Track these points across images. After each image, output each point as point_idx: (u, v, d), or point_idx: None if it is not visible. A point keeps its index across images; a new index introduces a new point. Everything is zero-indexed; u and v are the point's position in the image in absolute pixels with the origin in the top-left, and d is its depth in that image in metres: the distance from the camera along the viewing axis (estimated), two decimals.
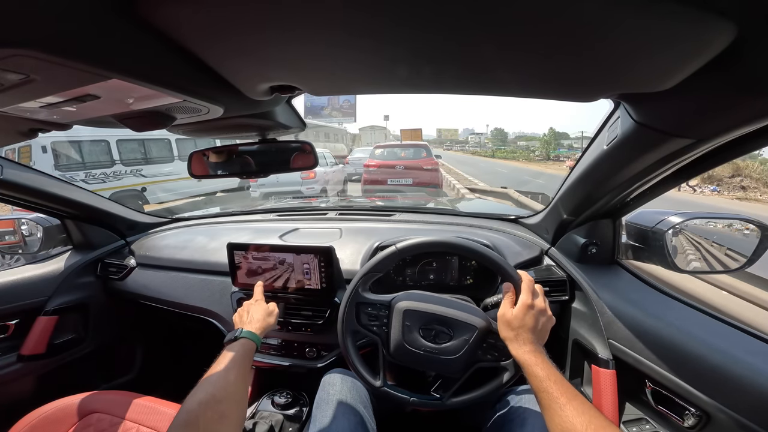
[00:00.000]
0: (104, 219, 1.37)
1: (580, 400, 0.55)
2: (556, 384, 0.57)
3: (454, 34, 0.38)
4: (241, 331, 0.76)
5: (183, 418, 0.52)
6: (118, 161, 6.60)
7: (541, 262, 1.10)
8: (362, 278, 0.81)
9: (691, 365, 0.68)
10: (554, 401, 0.55)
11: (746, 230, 0.81)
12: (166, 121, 0.61)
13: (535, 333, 0.67)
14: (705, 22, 0.33)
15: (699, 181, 16.09)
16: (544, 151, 55.54)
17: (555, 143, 58.60)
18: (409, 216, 1.42)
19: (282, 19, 0.36)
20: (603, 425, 0.50)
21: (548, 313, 0.70)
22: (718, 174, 16.61)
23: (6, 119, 0.56)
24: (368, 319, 0.80)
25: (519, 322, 0.67)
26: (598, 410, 0.54)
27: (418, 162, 7.75)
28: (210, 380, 0.60)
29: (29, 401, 0.95)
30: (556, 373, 0.60)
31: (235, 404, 0.59)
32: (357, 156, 11.82)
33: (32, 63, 0.34)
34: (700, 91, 0.46)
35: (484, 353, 0.76)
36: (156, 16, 0.36)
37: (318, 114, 25.38)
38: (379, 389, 0.78)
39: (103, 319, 1.37)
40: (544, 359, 0.63)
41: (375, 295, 0.83)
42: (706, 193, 14.87)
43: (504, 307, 0.71)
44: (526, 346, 0.65)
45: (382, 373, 0.79)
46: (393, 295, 0.82)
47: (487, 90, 0.56)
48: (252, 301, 0.90)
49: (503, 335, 0.69)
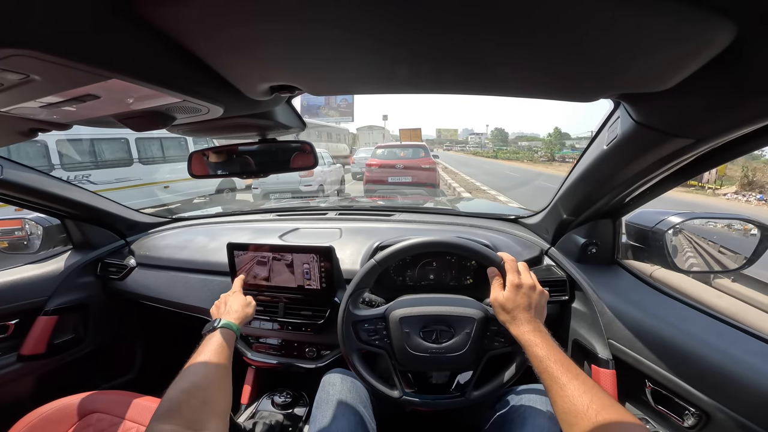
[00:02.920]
0: (104, 219, 1.37)
1: (582, 379, 0.53)
2: (557, 363, 0.56)
3: (454, 34, 0.38)
4: (219, 321, 0.76)
5: (165, 407, 0.52)
6: (59, 165, 5.36)
7: (541, 262, 1.10)
8: (349, 298, 0.81)
9: (691, 365, 0.68)
10: (555, 381, 0.54)
11: (746, 230, 0.82)
12: (166, 121, 0.61)
13: (531, 311, 0.66)
14: (705, 21, 0.33)
15: (738, 187, 14.87)
16: (549, 152, 54.66)
17: (560, 143, 57.82)
18: (409, 216, 1.42)
19: (282, 19, 0.36)
20: (606, 404, 0.48)
21: (539, 288, 0.70)
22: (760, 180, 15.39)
23: (6, 119, 0.56)
24: (368, 335, 0.80)
25: (512, 303, 0.66)
26: (601, 388, 0.52)
27: (416, 161, 8.03)
28: (191, 369, 0.60)
29: (29, 401, 0.95)
30: (557, 352, 0.59)
31: (218, 391, 0.58)
32: (361, 156, 12.50)
33: (32, 63, 0.34)
34: (700, 91, 0.46)
35: (490, 342, 0.76)
36: (155, 16, 0.36)
37: (315, 113, 25.22)
38: (400, 399, 0.78)
39: (103, 319, 1.37)
40: (545, 338, 0.62)
41: (367, 310, 0.83)
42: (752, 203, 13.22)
43: (494, 291, 0.70)
44: (525, 326, 0.64)
45: (398, 383, 0.79)
46: (385, 306, 0.82)
47: (487, 90, 0.56)
48: (230, 293, 0.91)
49: (501, 319, 0.68)
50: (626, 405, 0.85)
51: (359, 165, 11.22)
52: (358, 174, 11.05)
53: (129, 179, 6.32)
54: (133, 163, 6.46)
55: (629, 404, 0.85)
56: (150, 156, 6.78)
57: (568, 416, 0.50)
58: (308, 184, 7.51)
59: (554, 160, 47.01)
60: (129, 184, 6.30)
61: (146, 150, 6.70)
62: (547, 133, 62.92)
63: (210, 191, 8.03)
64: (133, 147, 6.47)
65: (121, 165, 6.28)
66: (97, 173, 5.88)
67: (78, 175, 5.62)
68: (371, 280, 0.83)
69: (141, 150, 6.59)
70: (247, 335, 1.15)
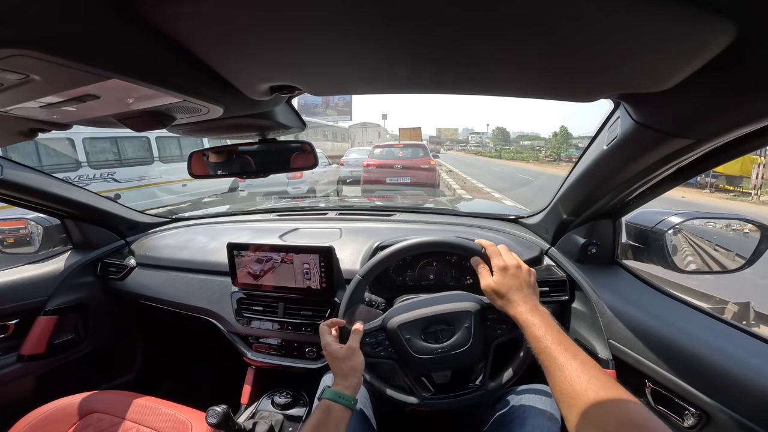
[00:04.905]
0: (104, 219, 1.37)
1: (580, 359, 0.52)
2: (555, 343, 0.55)
3: (454, 34, 0.38)
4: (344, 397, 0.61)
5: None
6: (85, 163, 5.52)
7: (541, 262, 1.10)
8: (345, 316, 0.81)
9: (691, 365, 0.68)
10: (553, 362, 0.53)
11: (746, 231, 0.82)
12: (166, 121, 0.61)
13: (524, 290, 0.65)
14: (705, 21, 0.33)
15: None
16: (555, 151, 53.51)
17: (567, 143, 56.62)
18: (408, 216, 1.42)
19: (282, 19, 0.36)
20: (605, 384, 0.47)
21: (524, 267, 0.69)
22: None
23: (6, 119, 0.56)
24: (372, 349, 0.79)
25: (504, 287, 0.66)
26: (599, 368, 0.51)
27: (415, 161, 7.83)
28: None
29: (29, 401, 0.95)
30: (556, 332, 0.57)
31: None
32: (353, 157, 10.13)
33: (32, 63, 0.34)
34: (700, 91, 0.46)
35: (493, 330, 0.77)
36: (155, 16, 0.36)
37: (312, 112, 24.96)
38: (420, 404, 0.78)
39: (103, 319, 1.37)
40: (543, 317, 0.60)
41: (365, 325, 0.82)
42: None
43: (483, 279, 0.70)
44: (521, 306, 0.63)
45: (415, 389, 0.79)
46: (381, 318, 0.82)
47: (487, 90, 0.56)
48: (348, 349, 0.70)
49: (498, 305, 0.68)
50: None
51: (350, 167, 9.49)
52: (349, 179, 9.31)
53: (150, 177, 6.42)
54: (153, 161, 6.56)
55: None
56: (169, 155, 6.82)
57: (566, 397, 0.49)
58: (296, 186, 7.08)
59: (560, 159, 46.09)
60: (151, 181, 6.41)
61: (166, 148, 6.76)
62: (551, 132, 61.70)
63: (224, 189, 8.05)
64: (154, 146, 6.58)
65: (143, 163, 6.40)
66: (121, 171, 6.02)
67: (103, 172, 5.78)
68: (361, 294, 0.84)
69: (161, 148, 6.68)
70: (247, 335, 1.15)
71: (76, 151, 5.40)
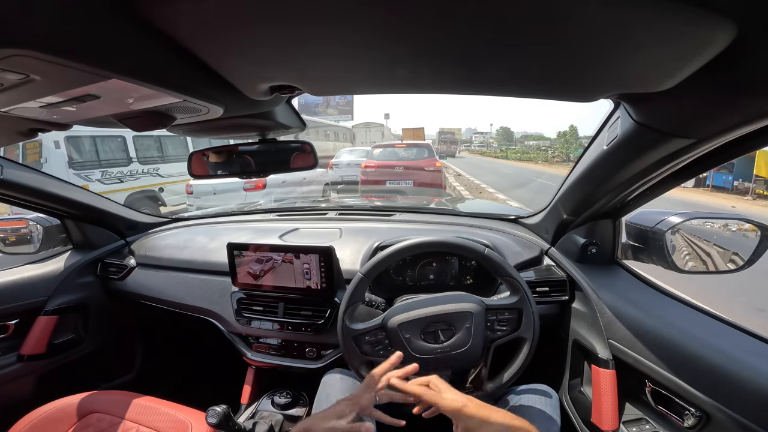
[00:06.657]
0: (104, 219, 1.37)
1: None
2: None
3: (454, 34, 0.38)
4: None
5: None
6: (135, 159, 6.10)
7: (541, 262, 1.10)
8: (345, 314, 0.81)
9: (691, 365, 0.68)
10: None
11: (746, 231, 0.81)
12: (166, 121, 0.61)
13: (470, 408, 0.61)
14: (705, 21, 0.33)
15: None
16: (564, 152, 52.29)
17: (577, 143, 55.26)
18: (409, 216, 1.42)
19: (282, 20, 0.36)
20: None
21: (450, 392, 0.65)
22: None
23: (6, 119, 0.56)
24: (371, 348, 0.80)
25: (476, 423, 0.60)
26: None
27: (419, 163, 7.12)
28: None
29: (29, 401, 0.95)
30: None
31: None
32: (344, 159, 8.74)
33: (32, 63, 0.34)
34: (700, 91, 0.46)
35: (493, 331, 0.77)
36: (155, 16, 0.36)
37: (313, 111, 24.81)
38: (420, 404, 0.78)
39: (103, 319, 1.37)
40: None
41: (364, 323, 0.83)
42: None
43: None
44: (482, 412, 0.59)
45: None
46: (381, 316, 0.82)
47: (487, 90, 0.56)
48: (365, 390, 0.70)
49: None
50: (626, 405, 0.85)
51: (340, 170, 8.21)
52: (339, 184, 7.89)
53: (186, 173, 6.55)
54: None
55: (629, 404, 0.85)
56: None
57: None
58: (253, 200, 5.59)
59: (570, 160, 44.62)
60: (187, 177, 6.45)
61: (199, 146, 6.85)
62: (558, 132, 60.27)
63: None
64: (190, 144, 6.93)
65: (181, 160, 6.73)
66: (164, 167, 6.52)
67: (150, 168, 6.33)
68: (362, 292, 0.84)
69: (196, 146, 6.81)
70: (247, 335, 1.15)
71: (127, 148, 5.97)
